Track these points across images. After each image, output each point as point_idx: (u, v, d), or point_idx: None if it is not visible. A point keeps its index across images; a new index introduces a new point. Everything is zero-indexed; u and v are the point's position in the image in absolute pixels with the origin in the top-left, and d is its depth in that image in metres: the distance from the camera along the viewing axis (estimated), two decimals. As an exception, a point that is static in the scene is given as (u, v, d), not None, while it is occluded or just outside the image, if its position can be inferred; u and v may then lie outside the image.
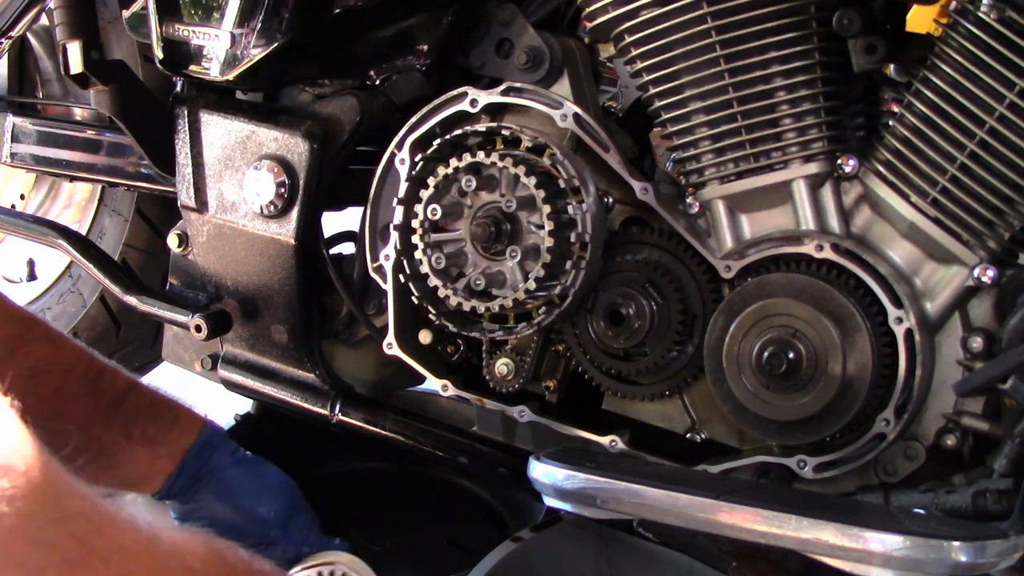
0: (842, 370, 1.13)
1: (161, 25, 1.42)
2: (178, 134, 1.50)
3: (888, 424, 1.14)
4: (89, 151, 1.88)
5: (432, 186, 1.25)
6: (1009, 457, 1.08)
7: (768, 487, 1.21)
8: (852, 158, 1.17)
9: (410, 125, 1.36)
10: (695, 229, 1.26)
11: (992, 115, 1.06)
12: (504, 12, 1.37)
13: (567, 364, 1.36)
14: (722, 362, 1.19)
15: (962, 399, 1.16)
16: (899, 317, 1.13)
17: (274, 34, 1.36)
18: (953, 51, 1.08)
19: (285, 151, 1.42)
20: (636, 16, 1.20)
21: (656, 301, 1.25)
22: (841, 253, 1.16)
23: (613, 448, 1.28)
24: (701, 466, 1.24)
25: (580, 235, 1.20)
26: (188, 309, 1.49)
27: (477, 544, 1.44)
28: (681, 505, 1.03)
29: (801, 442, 1.19)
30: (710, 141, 1.21)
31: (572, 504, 1.09)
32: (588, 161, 1.27)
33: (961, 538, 0.94)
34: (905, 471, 1.18)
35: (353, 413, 1.49)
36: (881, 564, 0.94)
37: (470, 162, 1.22)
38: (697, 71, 1.18)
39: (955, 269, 1.15)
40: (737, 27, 1.15)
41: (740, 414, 1.19)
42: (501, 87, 1.31)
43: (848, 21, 1.12)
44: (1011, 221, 1.11)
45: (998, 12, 1.03)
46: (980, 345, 1.15)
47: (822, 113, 1.17)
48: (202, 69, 1.42)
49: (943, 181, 1.11)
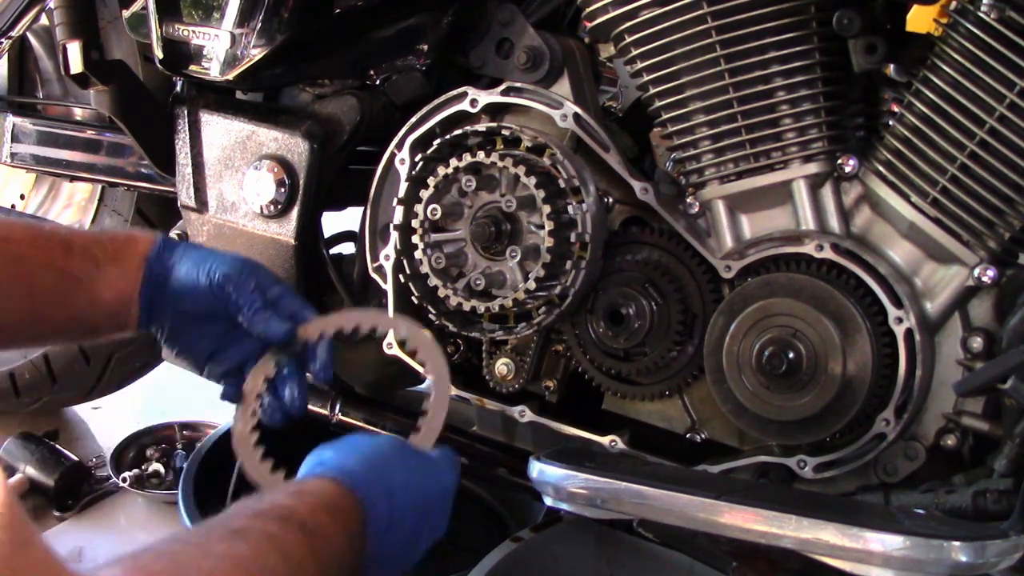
0: (842, 370, 1.13)
1: (161, 25, 1.42)
2: (178, 134, 1.50)
3: (888, 424, 1.14)
4: (89, 151, 1.88)
5: (432, 186, 1.25)
6: (1009, 457, 1.08)
7: (768, 487, 1.21)
8: (852, 158, 1.17)
9: (410, 125, 1.36)
10: (695, 229, 1.26)
11: (992, 115, 1.06)
12: (504, 12, 1.37)
13: (567, 364, 1.36)
14: (722, 362, 1.19)
15: (962, 399, 1.16)
16: (899, 317, 1.13)
17: (274, 34, 1.36)
18: (953, 51, 1.08)
19: (285, 151, 1.42)
20: (636, 16, 1.20)
21: (656, 301, 1.25)
22: (841, 253, 1.16)
23: (613, 448, 1.28)
24: (701, 466, 1.24)
25: (580, 235, 1.20)
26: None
27: (477, 544, 1.44)
28: (681, 505, 1.03)
29: (801, 442, 1.19)
30: (710, 141, 1.21)
31: (572, 504, 1.09)
32: (588, 161, 1.27)
33: (961, 538, 0.94)
34: (905, 471, 1.18)
35: (353, 413, 1.49)
36: (881, 564, 0.94)
37: (470, 162, 1.22)
38: (697, 71, 1.18)
39: (955, 269, 1.15)
40: (737, 27, 1.15)
41: (740, 414, 1.19)
42: (501, 87, 1.31)
43: (848, 21, 1.12)
44: (1011, 221, 1.11)
45: (998, 12, 1.03)
46: (980, 345, 1.15)
47: (822, 113, 1.17)
48: (202, 69, 1.42)
49: (943, 181, 1.11)
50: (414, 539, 0.94)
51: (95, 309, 1.07)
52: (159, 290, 1.08)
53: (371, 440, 0.99)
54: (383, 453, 0.96)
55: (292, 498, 0.85)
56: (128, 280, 1.08)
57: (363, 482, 0.90)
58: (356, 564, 0.88)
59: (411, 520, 0.93)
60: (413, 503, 0.94)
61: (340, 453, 0.94)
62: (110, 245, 1.08)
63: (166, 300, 1.08)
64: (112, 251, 1.08)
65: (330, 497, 0.87)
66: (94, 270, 1.06)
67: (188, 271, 1.08)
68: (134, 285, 1.07)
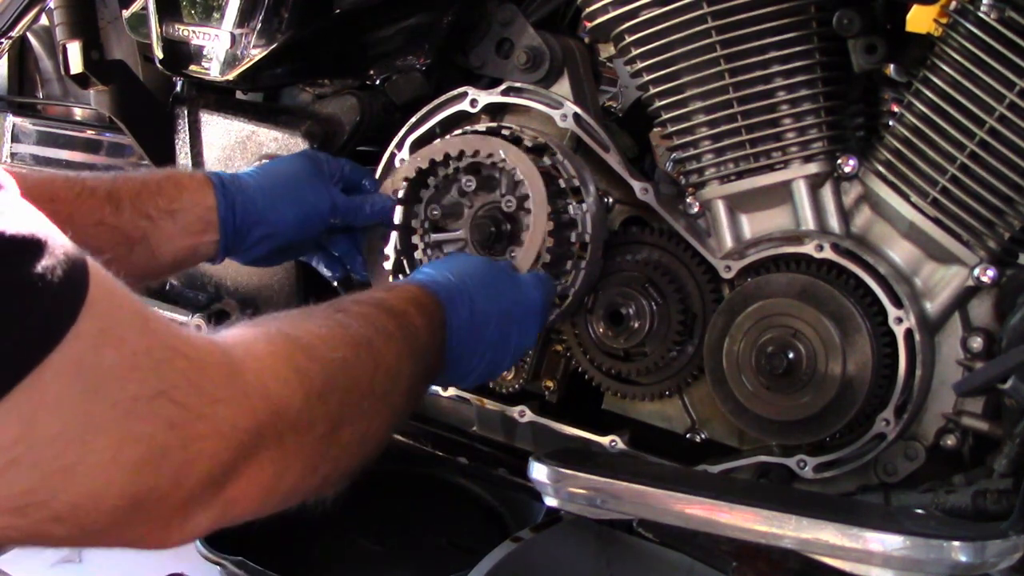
0: (842, 370, 1.13)
1: (161, 25, 1.42)
2: (178, 134, 1.50)
3: (888, 424, 1.14)
4: (89, 151, 1.88)
5: (432, 186, 1.25)
6: (1009, 457, 1.08)
7: (768, 487, 1.21)
8: (852, 158, 1.17)
9: (410, 125, 1.36)
10: (695, 229, 1.26)
11: (992, 115, 1.06)
12: (504, 12, 1.37)
13: (567, 364, 1.36)
14: (722, 362, 1.19)
15: (962, 399, 1.16)
16: (899, 317, 1.13)
17: (274, 34, 1.36)
18: (953, 51, 1.08)
19: (285, 151, 1.42)
20: (636, 16, 1.20)
21: (656, 301, 1.25)
22: (841, 253, 1.16)
23: (613, 448, 1.28)
24: (701, 466, 1.24)
25: (580, 235, 1.20)
26: (188, 309, 1.49)
27: (477, 544, 1.44)
28: (681, 505, 1.03)
29: (801, 442, 1.19)
30: (710, 141, 1.21)
31: (572, 504, 1.09)
32: (588, 161, 1.27)
33: (961, 538, 0.94)
34: (905, 471, 1.18)
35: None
36: (881, 564, 0.94)
37: (470, 162, 1.22)
38: (697, 71, 1.18)
39: (955, 269, 1.15)
40: (737, 27, 1.15)
41: (740, 414, 1.19)
42: (501, 87, 1.31)
43: (848, 21, 1.12)
44: (1011, 221, 1.11)
45: (998, 12, 1.03)
46: (980, 345, 1.15)
47: (822, 113, 1.17)
48: (202, 69, 1.42)
49: (943, 181, 1.11)
50: (498, 342, 1.06)
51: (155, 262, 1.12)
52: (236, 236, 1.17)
53: (465, 258, 1.14)
54: (470, 269, 1.08)
55: (382, 292, 0.98)
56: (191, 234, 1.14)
57: (445, 287, 1.02)
58: (440, 355, 1.00)
59: (494, 325, 1.05)
60: (498, 310, 1.06)
61: (432, 267, 1.10)
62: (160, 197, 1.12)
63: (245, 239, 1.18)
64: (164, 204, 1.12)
65: (415, 295, 0.99)
66: (149, 226, 1.10)
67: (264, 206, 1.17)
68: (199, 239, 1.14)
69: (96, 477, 0.59)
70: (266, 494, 0.72)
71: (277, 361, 0.73)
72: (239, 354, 0.71)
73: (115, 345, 0.59)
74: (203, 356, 0.66)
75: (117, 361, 0.59)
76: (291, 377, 0.73)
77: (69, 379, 0.57)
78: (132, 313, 0.62)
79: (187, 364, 0.64)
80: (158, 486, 0.62)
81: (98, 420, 0.58)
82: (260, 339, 0.75)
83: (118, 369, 0.59)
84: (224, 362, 0.68)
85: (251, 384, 0.69)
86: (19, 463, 0.56)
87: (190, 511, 0.66)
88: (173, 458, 0.62)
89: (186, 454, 0.63)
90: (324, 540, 1.68)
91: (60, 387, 0.56)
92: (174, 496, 0.64)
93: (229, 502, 0.69)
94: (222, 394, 0.66)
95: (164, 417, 0.62)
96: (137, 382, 0.60)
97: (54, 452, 0.57)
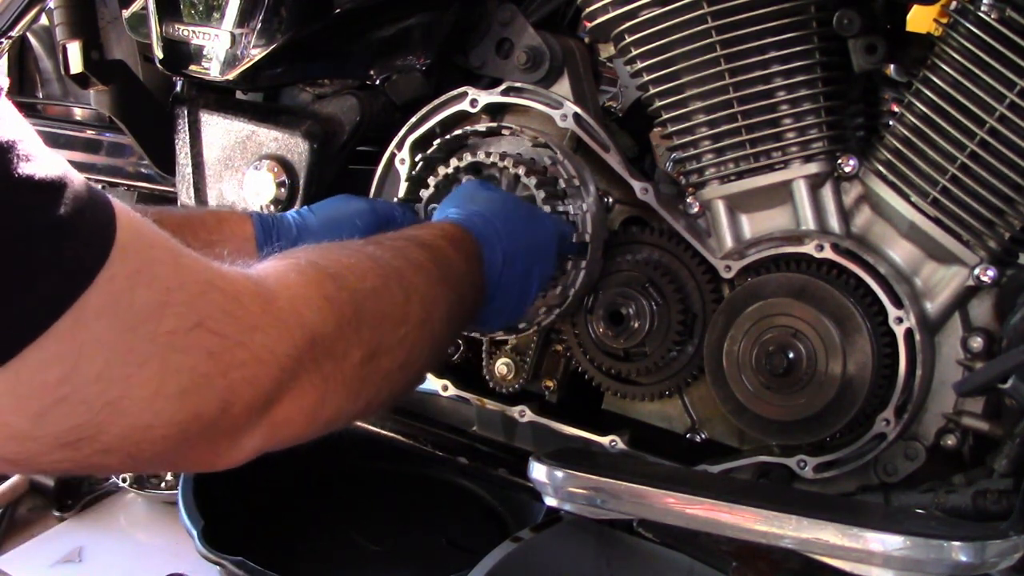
0: (842, 370, 1.13)
1: (161, 25, 1.42)
2: (178, 134, 1.50)
3: (888, 424, 1.14)
4: (89, 151, 1.88)
5: (432, 186, 1.25)
6: (1009, 457, 1.08)
7: (768, 487, 1.21)
8: (852, 158, 1.17)
9: (410, 125, 1.36)
10: (695, 229, 1.26)
11: (992, 115, 1.06)
12: (504, 12, 1.37)
13: (567, 364, 1.36)
14: (722, 362, 1.19)
15: (962, 399, 1.16)
16: (899, 317, 1.13)
17: (274, 34, 1.36)
18: (953, 51, 1.08)
19: (285, 151, 1.42)
20: (636, 16, 1.20)
21: (656, 301, 1.25)
22: (841, 253, 1.16)
23: (613, 448, 1.28)
24: (701, 466, 1.24)
25: (580, 235, 1.20)
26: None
27: (477, 544, 1.44)
28: (681, 505, 1.03)
29: (801, 442, 1.19)
30: (710, 141, 1.21)
31: (572, 504, 1.09)
32: (588, 161, 1.27)
33: (961, 538, 0.94)
34: (905, 471, 1.18)
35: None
36: (881, 564, 0.94)
37: (470, 162, 1.22)
38: (697, 71, 1.18)
39: (955, 269, 1.15)
40: (737, 27, 1.15)
41: (740, 414, 1.19)
42: (501, 87, 1.31)
43: (848, 21, 1.12)
44: (1011, 221, 1.11)
45: (998, 12, 1.03)
46: (980, 345, 1.15)
47: (822, 113, 1.17)
48: (202, 69, 1.42)
49: (943, 181, 1.11)
50: (526, 275, 1.10)
51: None
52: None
53: (486, 193, 1.15)
54: (495, 205, 1.10)
55: (415, 228, 1.01)
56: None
57: (479, 225, 1.05)
58: (477, 288, 1.03)
59: (522, 259, 1.08)
60: (525, 244, 1.09)
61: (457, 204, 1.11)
62: (202, 229, 1.11)
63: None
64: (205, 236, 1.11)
65: (448, 231, 1.02)
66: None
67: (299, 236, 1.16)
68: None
69: (143, 410, 0.61)
70: (310, 418, 0.75)
71: (309, 289, 0.75)
72: (272, 284, 0.73)
73: (148, 283, 0.61)
74: (237, 287, 0.68)
75: (152, 298, 0.61)
76: (323, 305, 0.75)
77: (107, 319, 0.58)
78: (163, 250, 0.64)
79: (221, 296, 0.66)
80: (203, 413, 0.64)
81: (139, 355, 0.60)
82: (291, 269, 0.77)
83: (153, 305, 0.61)
84: (258, 292, 0.70)
85: (285, 311, 0.71)
86: (67, 400, 0.57)
87: (238, 435, 0.69)
88: (216, 385, 0.64)
89: (228, 381, 0.65)
90: (324, 540, 1.68)
91: (99, 327, 0.58)
92: (221, 422, 0.66)
93: (275, 425, 0.71)
94: (258, 322, 0.68)
95: (203, 347, 0.63)
96: (174, 316, 0.62)
97: (99, 389, 0.58)
